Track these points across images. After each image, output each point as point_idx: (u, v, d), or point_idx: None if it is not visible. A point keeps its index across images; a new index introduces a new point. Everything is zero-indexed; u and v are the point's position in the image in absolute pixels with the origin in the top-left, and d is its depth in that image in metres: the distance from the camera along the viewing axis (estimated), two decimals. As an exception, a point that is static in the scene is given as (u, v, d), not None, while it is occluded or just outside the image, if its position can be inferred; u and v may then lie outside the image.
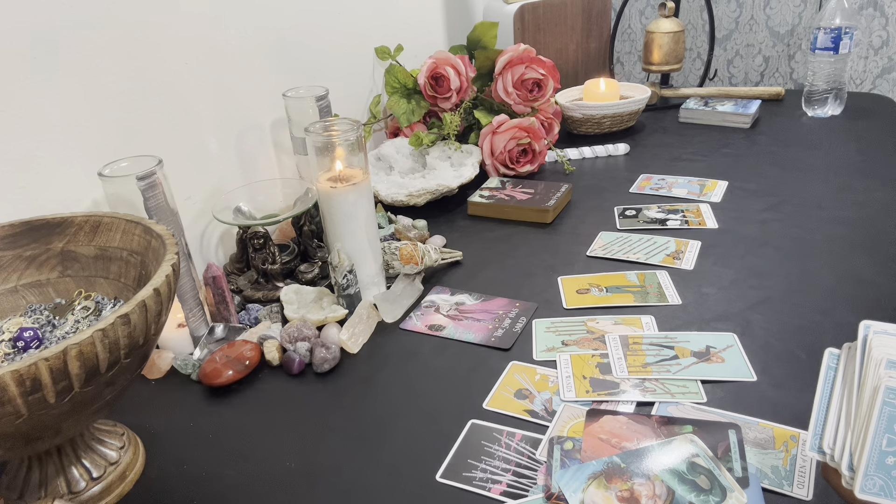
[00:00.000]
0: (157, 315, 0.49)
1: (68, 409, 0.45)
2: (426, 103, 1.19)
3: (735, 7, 1.82)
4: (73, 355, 0.43)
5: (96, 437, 0.57)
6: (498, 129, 1.12)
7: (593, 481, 0.51)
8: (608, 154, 1.24)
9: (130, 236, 0.60)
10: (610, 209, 1.00)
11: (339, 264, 0.75)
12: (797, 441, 0.55)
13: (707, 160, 1.16)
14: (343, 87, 1.14)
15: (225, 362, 0.69)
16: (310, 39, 1.06)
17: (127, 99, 0.78)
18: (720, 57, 1.89)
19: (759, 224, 0.92)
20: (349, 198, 0.74)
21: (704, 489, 0.49)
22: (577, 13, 1.52)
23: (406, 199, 1.02)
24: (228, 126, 0.93)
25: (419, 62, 1.25)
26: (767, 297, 0.75)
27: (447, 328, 0.75)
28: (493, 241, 0.94)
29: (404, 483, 0.55)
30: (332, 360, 0.70)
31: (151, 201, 0.66)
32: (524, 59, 1.14)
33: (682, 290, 0.78)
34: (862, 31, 1.66)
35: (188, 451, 0.61)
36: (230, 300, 0.76)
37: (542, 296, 0.79)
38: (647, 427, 0.57)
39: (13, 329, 0.56)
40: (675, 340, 0.69)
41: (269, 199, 0.91)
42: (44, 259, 0.62)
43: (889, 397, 0.39)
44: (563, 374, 0.65)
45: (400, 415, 0.63)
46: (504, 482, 0.54)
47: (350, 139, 0.74)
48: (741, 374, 0.63)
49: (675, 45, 1.42)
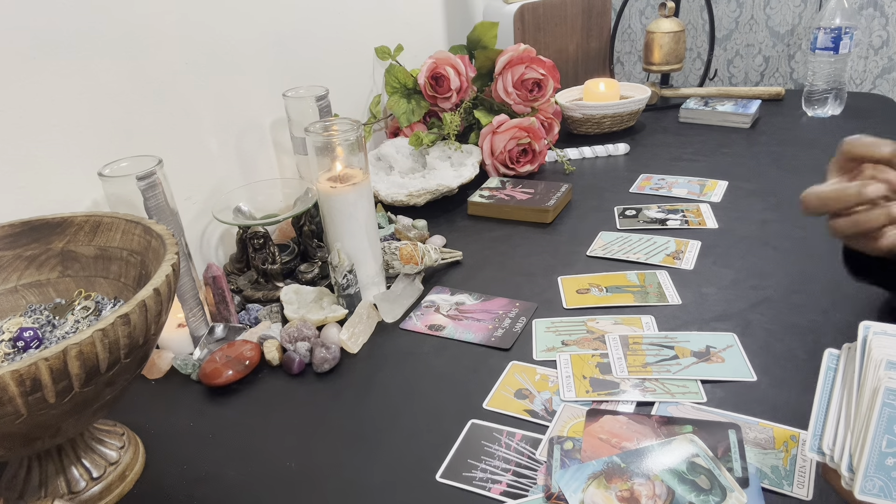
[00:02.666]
0: (157, 315, 0.49)
1: (68, 409, 0.45)
2: (426, 103, 1.19)
3: (735, 7, 1.82)
4: (73, 355, 0.43)
5: (96, 437, 0.57)
6: (498, 129, 1.12)
7: (593, 481, 0.51)
8: (608, 154, 1.24)
9: (130, 236, 0.60)
10: (610, 209, 1.00)
11: (339, 264, 0.75)
12: (797, 441, 0.55)
13: (707, 160, 1.16)
14: (343, 87, 1.14)
15: (225, 362, 0.69)
16: (310, 39, 1.06)
17: (127, 99, 0.78)
18: (720, 57, 1.89)
19: (759, 224, 0.92)
20: (349, 198, 0.74)
21: (704, 489, 0.49)
22: (577, 13, 1.52)
23: (406, 199, 1.02)
24: (228, 126, 0.93)
25: (419, 62, 1.25)
26: (767, 297, 0.75)
27: (447, 328, 0.75)
28: (493, 241, 0.94)
29: (404, 483, 0.55)
30: (332, 360, 0.70)
31: (151, 201, 0.66)
32: (524, 59, 1.14)
33: (682, 290, 0.78)
34: (862, 31, 1.66)
35: (188, 451, 0.61)
36: (230, 300, 0.76)
37: (542, 296, 0.79)
38: (647, 427, 0.57)
39: (13, 329, 0.56)
40: (675, 340, 0.69)
41: (269, 199, 0.91)
42: (44, 259, 0.62)
43: (889, 398, 0.39)
44: (563, 373, 0.65)
45: (400, 415, 0.63)
46: (504, 482, 0.54)
47: (350, 139, 0.74)
48: (741, 374, 0.63)
49: (676, 45, 1.42)
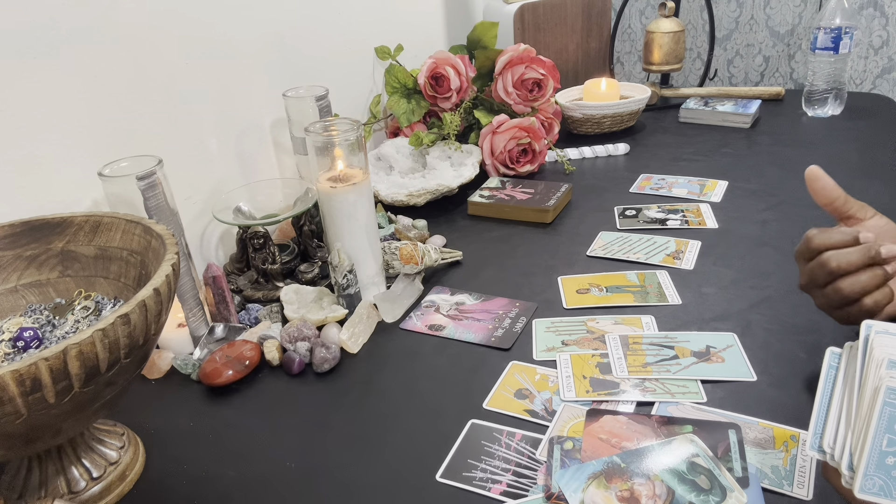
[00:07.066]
0: (157, 315, 0.49)
1: (68, 409, 0.45)
2: (426, 103, 1.19)
3: (735, 7, 1.82)
4: (73, 355, 0.42)
5: (96, 437, 0.57)
6: (498, 129, 1.12)
7: (593, 481, 0.51)
8: (608, 154, 1.24)
9: (130, 236, 0.60)
10: (610, 209, 1.00)
11: (339, 264, 0.75)
12: (797, 441, 0.55)
13: (707, 160, 1.16)
14: (343, 87, 1.14)
15: (225, 362, 0.69)
16: (310, 39, 1.06)
17: (127, 99, 0.78)
18: (720, 57, 1.89)
19: (759, 224, 0.92)
20: (349, 198, 0.74)
21: (704, 489, 0.49)
22: (577, 13, 1.52)
23: (406, 199, 1.02)
24: (228, 126, 0.93)
25: (419, 62, 1.25)
26: (767, 297, 0.75)
27: (447, 328, 0.75)
28: (493, 241, 0.94)
29: (404, 483, 0.55)
30: (332, 360, 0.70)
31: (151, 201, 0.66)
32: (524, 59, 1.14)
33: (682, 290, 0.78)
34: (862, 31, 1.66)
35: (188, 451, 0.61)
36: (230, 300, 0.76)
37: (542, 296, 0.79)
38: (647, 427, 0.57)
39: (13, 329, 0.56)
40: (675, 340, 0.69)
41: (269, 199, 0.91)
42: (44, 259, 0.62)
43: (890, 397, 0.39)
44: (563, 373, 0.65)
45: (400, 415, 0.63)
46: (504, 482, 0.54)
47: (350, 139, 0.74)
48: (741, 374, 0.63)
49: (676, 45, 1.42)
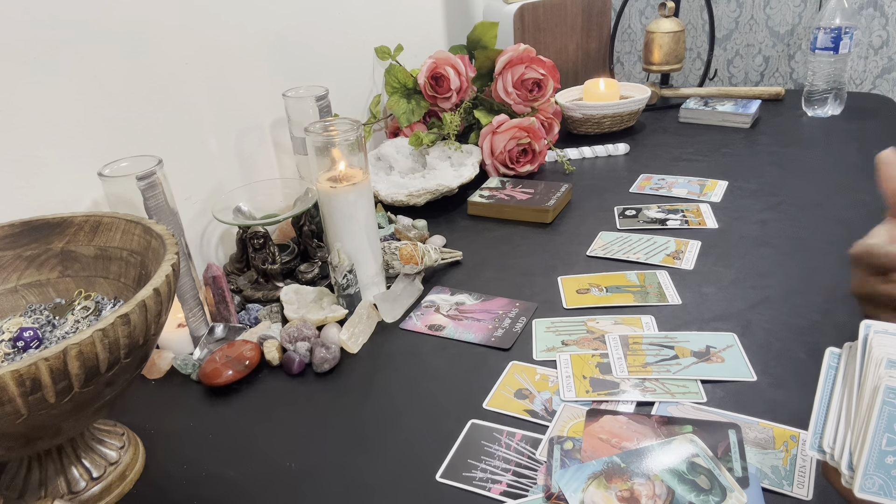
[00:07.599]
0: (157, 315, 0.49)
1: (68, 409, 0.45)
2: (426, 103, 1.19)
3: (735, 7, 1.82)
4: (73, 355, 0.43)
5: (96, 437, 0.57)
6: (498, 129, 1.12)
7: (593, 481, 0.51)
8: (608, 154, 1.24)
9: (130, 236, 0.60)
10: (610, 209, 1.00)
11: (339, 264, 0.75)
12: (797, 441, 0.55)
13: (707, 160, 1.16)
14: (343, 87, 1.14)
15: (225, 362, 0.69)
16: (310, 39, 1.06)
17: (127, 99, 0.78)
18: (720, 57, 1.89)
19: (759, 224, 0.92)
20: (349, 198, 0.74)
21: (704, 489, 0.49)
22: (577, 13, 1.52)
23: (406, 199, 1.02)
24: (228, 126, 0.93)
25: (419, 62, 1.25)
26: (767, 297, 0.75)
27: (447, 328, 0.75)
28: (493, 241, 0.94)
29: (404, 483, 0.55)
30: (332, 360, 0.70)
31: (151, 201, 0.66)
32: (524, 59, 1.14)
33: (682, 290, 0.78)
34: (862, 31, 1.66)
35: (188, 451, 0.61)
36: (230, 300, 0.76)
37: (542, 296, 0.79)
38: (647, 427, 0.57)
39: (13, 329, 0.56)
40: (675, 340, 0.69)
41: (269, 199, 0.91)
42: (44, 259, 0.62)
43: (889, 397, 0.39)
44: (563, 373, 0.65)
45: (400, 415, 0.63)
46: (504, 482, 0.54)
47: (350, 139, 0.74)
48: (741, 374, 0.63)
49: (676, 45, 1.42)
